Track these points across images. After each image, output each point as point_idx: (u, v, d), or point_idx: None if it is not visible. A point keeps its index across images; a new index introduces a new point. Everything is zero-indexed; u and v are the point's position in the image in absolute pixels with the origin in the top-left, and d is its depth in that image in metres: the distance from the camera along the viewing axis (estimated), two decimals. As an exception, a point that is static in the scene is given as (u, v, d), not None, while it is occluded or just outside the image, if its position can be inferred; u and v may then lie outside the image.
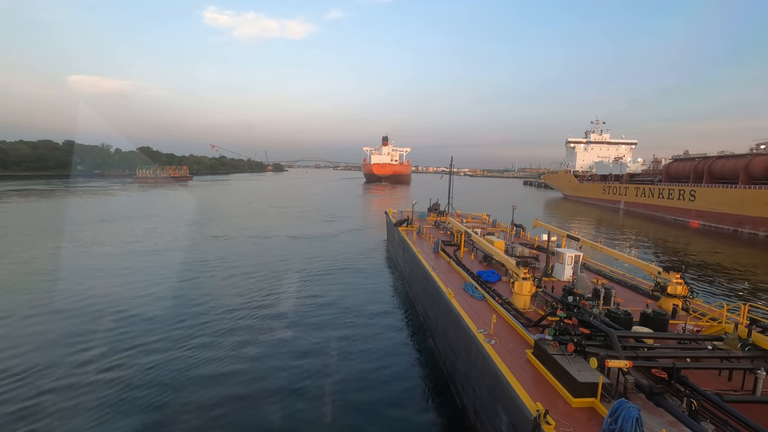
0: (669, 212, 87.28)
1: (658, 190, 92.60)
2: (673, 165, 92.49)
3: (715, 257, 48.18)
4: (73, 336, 20.96)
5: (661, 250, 54.22)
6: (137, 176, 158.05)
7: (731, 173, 74.11)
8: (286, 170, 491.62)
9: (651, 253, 51.30)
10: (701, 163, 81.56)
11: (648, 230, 71.96)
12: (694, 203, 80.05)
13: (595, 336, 12.48)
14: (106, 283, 30.25)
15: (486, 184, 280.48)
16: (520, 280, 18.49)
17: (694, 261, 45.42)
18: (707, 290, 33.37)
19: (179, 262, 37.13)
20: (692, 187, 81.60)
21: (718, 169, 77.56)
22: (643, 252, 51.17)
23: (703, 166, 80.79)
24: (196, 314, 24.39)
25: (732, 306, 17.53)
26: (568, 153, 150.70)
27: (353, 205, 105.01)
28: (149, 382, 16.77)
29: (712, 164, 78.81)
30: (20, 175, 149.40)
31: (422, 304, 25.53)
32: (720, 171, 77.26)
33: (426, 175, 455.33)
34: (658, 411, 10.31)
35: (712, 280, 37.07)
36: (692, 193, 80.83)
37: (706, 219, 76.28)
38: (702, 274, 39.25)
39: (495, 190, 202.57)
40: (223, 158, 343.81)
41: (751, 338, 12.91)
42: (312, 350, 20.31)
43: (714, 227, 73.35)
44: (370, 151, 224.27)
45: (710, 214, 75.35)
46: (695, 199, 79.74)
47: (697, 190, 79.93)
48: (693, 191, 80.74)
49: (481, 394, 13.82)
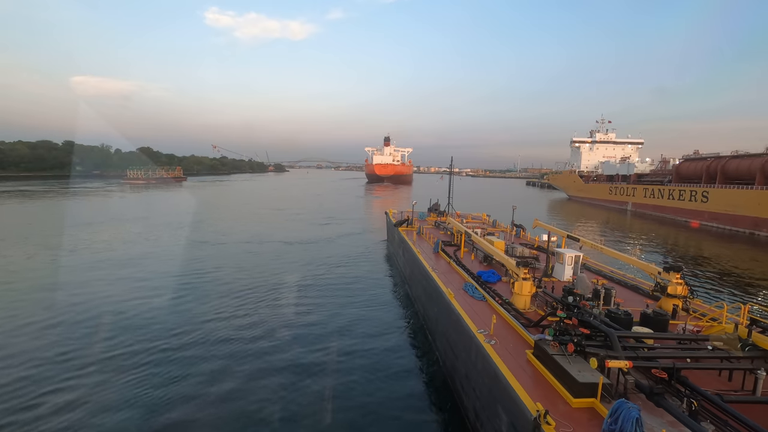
0: (680, 214, 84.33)
1: (668, 191, 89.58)
2: (683, 165, 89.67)
3: (733, 261, 46.10)
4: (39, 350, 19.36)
5: (676, 253, 52.15)
6: (128, 177, 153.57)
7: (747, 173, 71.12)
8: (288, 171, 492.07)
9: (665, 256, 48.88)
10: (714, 163, 78.46)
11: (658, 232, 70.03)
12: (707, 204, 77.01)
13: (595, 336, 12.47)
14: (65, 297, 26.95)
15: (487, 184, 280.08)
16: (520, 281, 18.49)
17: (714, 267, 43.05)
18: (708, 290, 33.33)
19: (155, 273, 33.82)
20: (705, 187, 78.42)
21: (733, 169, 74.67)
22: (656, 255, 49.20)
23: (716, 166, 77.70)
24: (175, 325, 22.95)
25: (732, 306, 17.53)
26: (572, 153, 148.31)
27: (354, 205, 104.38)
28: (135, 399, 15.74)
29: (726, 164, 75.87)
30: (18, 176, 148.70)
31: (422, 304, 25.53)
32: (734, 171, 74.31)
33: (427, 175, 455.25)
34: (658, 411, 10.30)
35: (719, 282, 36.99)
36: (705, 194, 77.71)
37: (720, 221, 73.43)
38: (714, 277, 38.98)
39: (497, 190, 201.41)
40: (224, 159, 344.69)
41: (751, 338, 12.89)
42: (311, 350, 20.31)
43: (729, 230, 70.65)
44: (372, 152, 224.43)
45: (725, 216, 72.50)
46: (708, 201, 76.79)
47: (710, 191, 76.80)
48: (706, 192, 77.70)
49: (481, 394, 13.82)
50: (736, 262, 45.86)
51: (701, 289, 32.79)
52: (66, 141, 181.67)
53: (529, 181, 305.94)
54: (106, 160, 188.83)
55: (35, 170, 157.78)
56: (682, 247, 57.90)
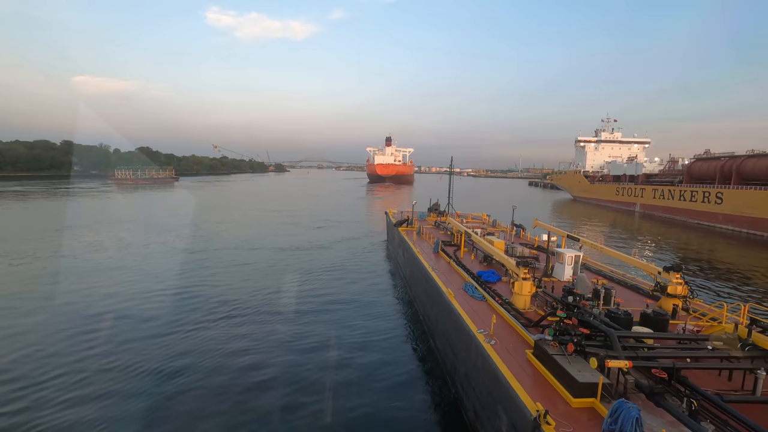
0: (691, 215, 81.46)
1: (679, 192, 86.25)
2: (695, 165, 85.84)
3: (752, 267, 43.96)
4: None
5: (689, 257, 49.56)
6: (115, 177, 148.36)
7: (765, 173, 68.11)
8: (288, 171, 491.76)
9: (679, 259, 47.09)
10: (729, 163, 75.13)
11: (669, 234, 68.04)
12: (721, 206, 73.78)
13: (595, 336, 12.47)
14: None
15: (489, 184, 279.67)
16: (520, 281, 18.48)
17: (731, 271, 41.48)
18: (709, 290, 33.29)
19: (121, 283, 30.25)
20: (719, 188, 75.16)
21: (749, 170, 71.23)
22: (668, 258, 47.22)
23: (730, 165, 74.44)
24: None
25: (732, 306, 17.52)
26: (577, 152, 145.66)
27: (354, 206, 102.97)
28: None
29: (742, 163, 72.46)
30: (14, 176, 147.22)
31: (422, 304, 25.53)
32: (751, 171, 70.85)
33: (429, 175, 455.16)
34: (658, 411, 10.30)
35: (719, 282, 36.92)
36: (719, 196, 74.48)
37: (735, 224, 70.54)
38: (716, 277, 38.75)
39: (499, 191, 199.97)
40: (225, 159, 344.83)
41: (751, 338, 12.88)
42: (311, 350, 20.31)
43: (745, 233, 67.83)
44: (374, 152, 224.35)
45: (741, 219, 69.41)
46: (722, 202, 73.59)
47: (725, 192, 73.50)
48: (720, 193, 74.40)
49: (481, 394, 13.82)
50: (755, 268, 43.58)
51: (706, 290, 32.73)
52: (64, 141, 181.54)
53: (532, 181, 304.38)
54: (104, 160, 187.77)
55: (32, 170, 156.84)
56: (695, 251, 55.52)
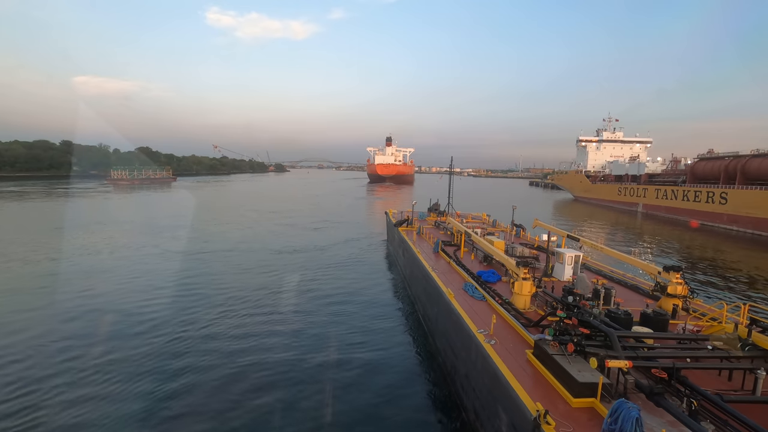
0: (695, 216, 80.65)
1: (682, 192, 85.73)
2: (699, 164, 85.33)
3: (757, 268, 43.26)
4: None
5: (694, 258, 48.83)
6: (111, 177, 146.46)
7: None
8: (288, 171, 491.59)
9: (684, 261, 46.46)
10: (733, 163, 74.73)
11: (672, 235, 67.38)
12: (725, 206, 73.33)
13: (595, 336, 12.47)
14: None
15: (489, 184, 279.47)
16: (520, 280, 18.48)
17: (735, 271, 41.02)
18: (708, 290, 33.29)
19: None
20: (723, 188, 74.85)
21: (754, 169, 70.72)
22: (672, 259, 46.96)
23: (735, 165, 73.92)
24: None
25: (732, 306, 17.51)
26: (578, 152, 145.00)
27: (354, 206, 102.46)
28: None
29: (747, 163, 71.88)
30: (13, 176, 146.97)
31: (422, 304, 25.52)
32: (756, 171, 70.39)
33: (429, 175, 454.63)
34: (658, 411, 10.30)
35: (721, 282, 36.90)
36: (723, 196, 74.03)
37: (740, 224, 70.04)
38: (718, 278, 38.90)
39: (499, 191, 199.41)
40: (225, 159, 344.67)
41: (751, 338, 12.88)
42: (311, 350, 20.31)
43: (750, 233, 67.15)
44: (374, 152, 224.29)
45: (745, 219, 68.79)
46: (727, 202, 73.12)
47: (729, 191, 73.04)
48: (724, 193, 73.98)
49: (481, 394, 13.82)
50: (758, 269, 43.14)
51: (706, 289, 32.73)
52: (63, 141, 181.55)
53: (533, 181, 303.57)
54: (104, 160, 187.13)
55: (31, 170, 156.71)
56: (699, 250, 54.84)
